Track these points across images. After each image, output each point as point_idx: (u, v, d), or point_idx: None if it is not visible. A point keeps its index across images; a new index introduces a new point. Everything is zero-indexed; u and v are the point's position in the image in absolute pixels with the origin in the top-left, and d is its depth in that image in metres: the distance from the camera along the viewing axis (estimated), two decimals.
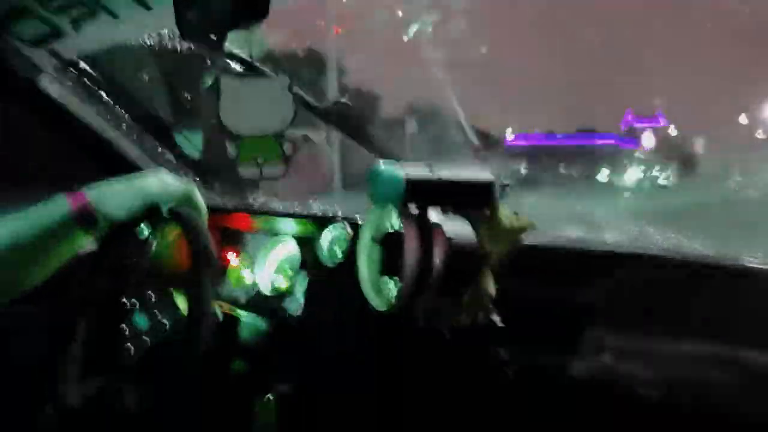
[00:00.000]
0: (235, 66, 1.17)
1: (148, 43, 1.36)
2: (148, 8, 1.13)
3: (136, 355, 1.11)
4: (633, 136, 32.10)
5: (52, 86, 1.46)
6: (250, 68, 1.09)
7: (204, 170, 1.67)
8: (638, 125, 32.70)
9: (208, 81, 1.18)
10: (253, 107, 1.12)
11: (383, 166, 0.89)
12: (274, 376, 1.31)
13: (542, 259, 1.16)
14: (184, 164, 1.78)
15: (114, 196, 1.11)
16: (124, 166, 1.63)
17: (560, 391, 0.97)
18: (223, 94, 1.12)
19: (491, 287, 1.05)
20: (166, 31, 1.30)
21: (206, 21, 0.95)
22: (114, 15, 1.18)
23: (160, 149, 1.71)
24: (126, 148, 1.63)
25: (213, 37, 0.96)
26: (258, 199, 1.61)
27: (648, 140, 31.93)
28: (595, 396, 0.94)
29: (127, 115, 1.63)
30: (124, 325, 1.13)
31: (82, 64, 1.50)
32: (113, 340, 1.11)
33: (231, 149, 1.19)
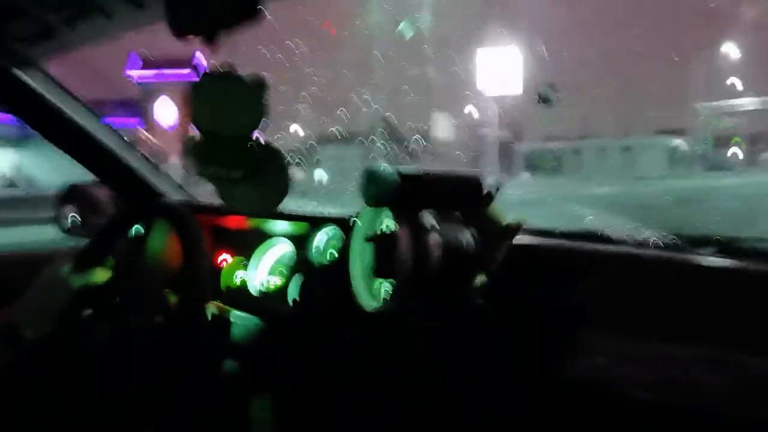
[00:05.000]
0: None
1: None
2: (141, 6, 1.12)
3: (128, 352, 1.11)
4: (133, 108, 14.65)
5: (45, 85, 1.45)
6: (225, 66, 1.08)
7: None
8: (146, 76, 15.41)
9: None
10: (223, 106, 1.11)
11: (376, 167, 0.88)
12: (267, 376, 1.30)
13: (534, 258, 1.17)
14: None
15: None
16: (114, 165, 1.62)
17: (554, 391, 0.97)
18: (197, 90, 1.11)
19: (483, 287, 1.05)
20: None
21: (199, 20, 0.95)
22: (107, 13, 1.17)
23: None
24: (117, 146, 1.62)
25: (206, 36, 0.96)
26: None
27: (165, 114, 14.84)
28: (588, 396, 0.94)
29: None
30: (119, 324, 1.12)
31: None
32: (108, 338, 1.11)
33: (190, 146, 1.17)
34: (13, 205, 8.02)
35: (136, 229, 1.42)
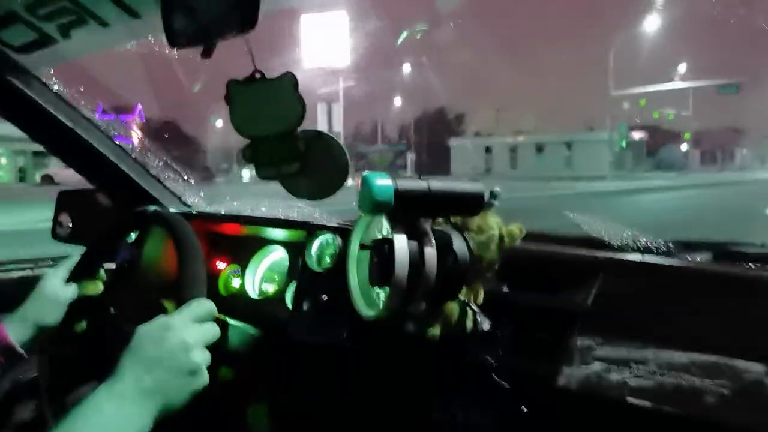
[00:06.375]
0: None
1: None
2: (137, 16, 1.13)
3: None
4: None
5: (41, 93, 1.45)
6: (255, 73, 1.11)
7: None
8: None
9: (197, 86, 1.18)
10: (262, 109, 1.14)
11: (374, 175, 0.88)
12: (264, 383, 1.30)
13: (532, 265, 1.17)
14: (174, 171, 1.78)
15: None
16: (110, 172, 1.62)
17: (549, 397, 0.97)
18: (233, 101, 1.13)
19: (480, 294, 1.06)
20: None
21: (194, 29, 0.95)
22: (103, 22, 1.17)
23: (148, 157, 1.71)
24: (113, 154, 1.62)
25: (201, 45, 0.96)
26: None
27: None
28: (584, 403, 0.94)
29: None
30: (114, 334, 1.12)
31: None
32: (102, 348, 1.10)
33: (246, 153, 1.20)
34: None
35: (131, 237, 1.42)
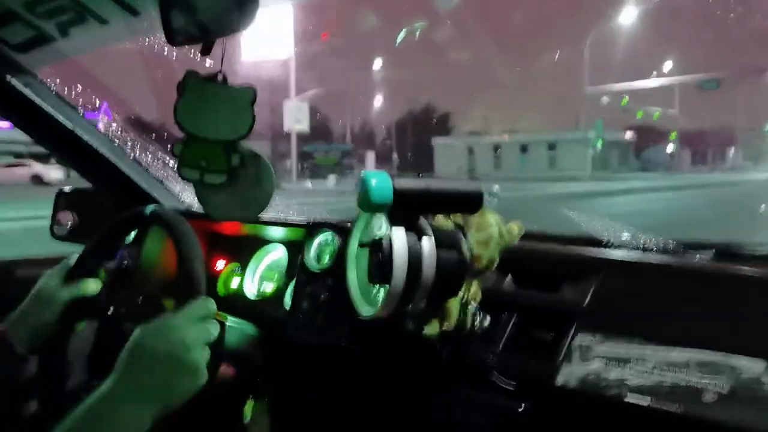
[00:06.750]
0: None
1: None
2: (136, 14, 1.13)
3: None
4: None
5: (39, 91, 1.45)
6: (218, 74, 1.09)
7: None
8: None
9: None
10: (211, 111, 1.12)
11: (373, 174, 0.88)
12: (263, 382, 1.30)
13: (531, 264, 1.17)
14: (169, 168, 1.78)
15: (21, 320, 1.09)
16: (109, 171, 1.62)
17: (548, 395, 0.97)
18: (185, 93, 1.11)
19: (479, 293, 1.06)
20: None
21: (193, 27, 0.95)
22: (102, 20, 1.17)
23: (144, 155, 1.71)
24: (112, 153, 1.62)
25: (199, 43, 0.96)
26: None
27: None
28: (583, 401, 0.94)
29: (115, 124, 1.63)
30: (114, 333, 1.12)
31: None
32: (102, 348, 1.10)
33: (176, 148, 1.17)
34: None
35: (131, 236, 1.42)
